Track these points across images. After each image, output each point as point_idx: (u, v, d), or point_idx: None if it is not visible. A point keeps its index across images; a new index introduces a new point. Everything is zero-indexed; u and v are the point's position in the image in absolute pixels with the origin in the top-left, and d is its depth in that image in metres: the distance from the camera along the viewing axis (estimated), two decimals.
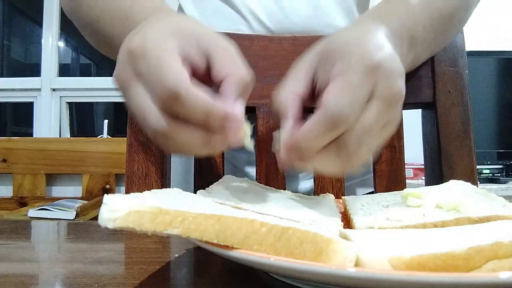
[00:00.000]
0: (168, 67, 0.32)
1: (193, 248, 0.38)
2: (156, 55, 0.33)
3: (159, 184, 0.53)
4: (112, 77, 0.37)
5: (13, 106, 2.52)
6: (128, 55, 0.34)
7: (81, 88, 2.15)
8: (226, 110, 0.32)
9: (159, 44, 0.33)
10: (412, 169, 1.71)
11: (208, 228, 0.22)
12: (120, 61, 0.35)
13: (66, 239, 0.47)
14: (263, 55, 0.59)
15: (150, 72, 0.33)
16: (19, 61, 2.73)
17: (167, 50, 0.33)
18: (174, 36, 0.34)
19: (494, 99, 1.86)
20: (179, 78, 0.32)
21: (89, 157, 1.90)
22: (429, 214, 0.32)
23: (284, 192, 0.43)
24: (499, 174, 1.78)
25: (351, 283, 0.20)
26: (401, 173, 0.57)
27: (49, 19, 2.17)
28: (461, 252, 0.20)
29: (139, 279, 0.29)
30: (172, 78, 0.31)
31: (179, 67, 0.33)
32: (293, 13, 0.61)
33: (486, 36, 1.85)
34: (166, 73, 0.32)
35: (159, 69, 0.32)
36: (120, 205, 0.21)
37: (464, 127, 0.57)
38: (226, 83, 0.34)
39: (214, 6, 0.64)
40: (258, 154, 0.57)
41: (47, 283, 0.30)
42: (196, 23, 0.38)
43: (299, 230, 0.23)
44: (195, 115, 0.32)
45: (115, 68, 0.36)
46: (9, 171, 1.90)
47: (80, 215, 1.55)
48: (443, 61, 0.58)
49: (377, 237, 0.27)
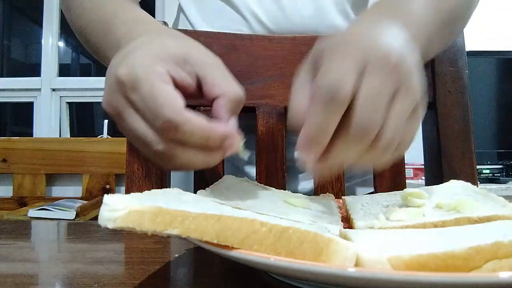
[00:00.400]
0: (162, 97, 0.32)
1: (193, 248, 0.38)
2: (149, 86, 0.32)
3: (159, 184, 0.53)
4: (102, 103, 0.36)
5: (13, 106, 2.52)
6: (118, 84, 0.34)
7: (81, 88, 2.15)
8: (224, 131, 0.33)
9: (149, 73, 0.33)
10: (412, 169, 1.71)
11: (208, 228, 0.22)
12: (109, 89, 0.35)
13: (66, 239, 0.47)
14: (263, 55, 0.59)
15: (144, 104, 0.33)
16: (19, 61, 2.73)
17: (158, 78, 0.33)
18: (162, 60, 0.34)
19: (494, 99, 1.86)
20: (175, 107, 0.32)
21: (89, 157, 1.89)
22: (429, 214, 0.32)
23: (284, 192, 0.43)
24: (499, 174, 1.78)
25: (351, 283, 0.20)
26: (401, 173, 0.57)
27: (49, 19, 2.17)
28: (461, 252, 0.20)
29: (139, 279, 0.29)
30: (167, 108, 0.32)
31: (173, 95, 0.33)
32: (293, 14, 0.61)
33: (486, 36, 1.85)
34: (162, 104, 0.32)
35: (154, 101, 0.32)
36: (120, 205, 0.21)
37: (464, 127, 0.57)
38: (219, 103, 0.35)
39: (214, 6, 0.64)
40: (258, 154, 0.57)
41: (47, 283, 0.30)
42: (181, 40, 0.38)
43: (299, 230, 0.23)
44: (194, 140, 0.33)
45: (104, 95, 0.36)
46: (9, 171, 1.90)
47: (80, 215, 1.55)
48: (443, 61, 0.58)
49: (377, 237, 0.27)
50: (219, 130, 0.33)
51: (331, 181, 0.56)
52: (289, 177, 0.63)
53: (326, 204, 0.40)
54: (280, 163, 0.57)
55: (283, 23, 0.61)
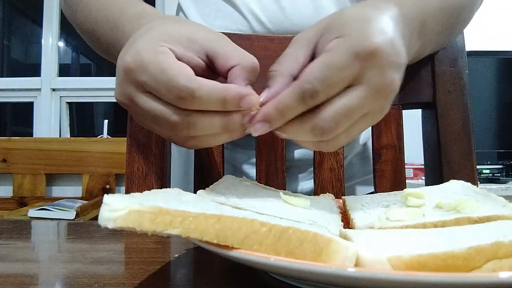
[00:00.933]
0: (171, 69, 0.33)
1: (193, 248, 0.38)
2: (156, 63, 0.33)
3: (159, 184, 0.53)
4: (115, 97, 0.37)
5: (13, 106, 2.52)
6: (125, 73, 0.35)
7: (81, 88, 2.15)
8: (240, 90, 0.33)
9: (154, 52, 0.34)
10: (412, 169, 1.71)
11: (208, 228, 0.22)
12: (119, 82, 0.36)
13: (66, 239, 0.47)
14: (263, 55, 0.59)
15: (156, 81, 0.33)
16: (19, 61, 2.73)
17: (163, 53, 0.34)
18: (165, 42, 0.35)
19: (494, 99, 1.86)
20: (186, 76, 0.32)
21: (89, 157, 1.90)
22: (429, 214, 0.32)
23: (284, 192, 0.43)
24: (499, 174, 1.78)
25: (351, 283, 0.20)
26: (401, 173, 0.57)
27: (49, 19, 2.17)
28: (461, 252, 0.20)
29: (139, 279, 0.29)
30: (180, 77, 0.32)
31: (182, 65, 0.33)
32: (293, 14, 0.61)
33: (486, 36, 1.85)
34: (173, 75, 0.32)
35: (164, 74, 0.33)
36: (120, 205, 0.22)
37: (464, 127, 0.57)
38: (234, 73, 0.35)
39: (214, 6, 0.64)
40: (258, 154, 0.57)
41: (47, 283, 0.30)
42: (184, 23, 0.39)
43: (299, 230, 0.23)
44: (211, 105, 0.33)
45: (115, 90, 0.37)
46: (9, 171, 1.90)
47: (80, 215, 1.55)
48: (443, 61, 0.58)
49: (377, 237, 0.27)
50: (234, 90, 0.33)
51: (331, 181, 0.56)
52: (289, 177, 0.63)
53: (326, 204, 0.40)
54: (280, 163, 0.57)
55: (283, 23, 0.61)
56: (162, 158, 0.54)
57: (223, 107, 0.33)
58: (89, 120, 2.61)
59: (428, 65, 0.58)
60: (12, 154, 1.90)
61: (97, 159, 1.89)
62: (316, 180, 0.56)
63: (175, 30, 0.36)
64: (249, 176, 0.64)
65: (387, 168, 0.57)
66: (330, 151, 0.35)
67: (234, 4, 0.62)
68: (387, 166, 0.57)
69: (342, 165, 0.57)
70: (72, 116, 2.23)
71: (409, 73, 0.58)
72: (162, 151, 0.53)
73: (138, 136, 0.54)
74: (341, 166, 0.57)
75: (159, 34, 0.35)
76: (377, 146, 0.58)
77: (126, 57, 0.35)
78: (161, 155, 0.54)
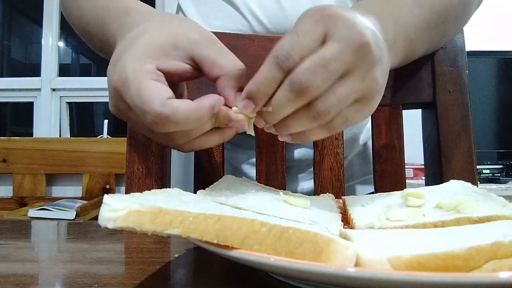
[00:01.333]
0: (147, 93, 0.33)
1: (193, 248, 0.38)
2: (135, 85, 0.33)
3: (159, 184, 0.53)
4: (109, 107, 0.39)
5: (13, 106, 2.52)
6: (115, 91, 0.36)
7: (81, 88, 2.14)
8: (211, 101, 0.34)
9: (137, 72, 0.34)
10: (412, 169, 1.71)
11: (208, 228, 0.22)
12: (111, 96, 0.37)
13: (66, 239, 0.47)
14: (263, 55, 0.58)
15: (133, 104, 0.34)
16: (19, 61, 2.73)
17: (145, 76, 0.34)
18: (150, 57, 0.35)
19: (494, 99, 1.86)
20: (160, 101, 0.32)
21: (89, 157, 1.89)
22: (429, 214, 0.32)
23: (284, 192, 0.43)
24: (499, 174, 1.78)
25: (351, 283, 0.20)
26: (401, 173, 0.57)
27: (49, 19, 2.17)
28: (461, 252, 0.20)
29: (139, 279, 0.29)
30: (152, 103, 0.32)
31: (158, 89, 0.33)
32: (293, 14, 0.61)
33: (486, 36, 1.85)
34: (147, 100, 0.33)
35: (139, 98, 0.33)
36: (120, 205, 0.22)
37: (464, 127, 0.57)
38: (221, 84, 0.36)
39: (213, 6, 0.64)
40: (258, 154, 0.57)
41: (47, 283, 0.30)
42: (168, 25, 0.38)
43: (299, 230, 0.23)
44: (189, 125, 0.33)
45: (109, 102, 0.38)
46: (9, 171, 1.90)
47: (80, 215, 1.55)
48: (443, 61, 0.58)
49: (377, 237, 0.27)
50: (206, 104, 0.33)
51: (331, 181, 0.56)
52: (289, 177, 0.63)
53: (326, 204, 0.40)
54: (280, 163, 0.57)
55: (283, 23, 0.61)
56: (162, 158, 0.54)
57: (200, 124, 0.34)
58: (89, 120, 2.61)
59: (428, 65, 0.58)
60: (12, 154, 1.90)
61: (97, 159, 1.89)
62: (316, 180, 0.56)
63: (160, 36, 0.36)
64: (249, 176, 0.64)
65: (387, 168, 0.57)
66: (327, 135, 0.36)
67: (234, 4, 0.62)
68: (387, 166, 0.57)
69: (342, 165, 0.57)
70: (72, 116, 2.23)
71: (409, 73, 0.58)
72: (162, 151, 0.53)
73: (138, 136, 0.54)
74: (341, 166, 0.57)
75: (143, 46, 0.35)
76: (377, 146, 0.58)
77: (113, 76, 0.35)
78: (161, 155, 0.54)
